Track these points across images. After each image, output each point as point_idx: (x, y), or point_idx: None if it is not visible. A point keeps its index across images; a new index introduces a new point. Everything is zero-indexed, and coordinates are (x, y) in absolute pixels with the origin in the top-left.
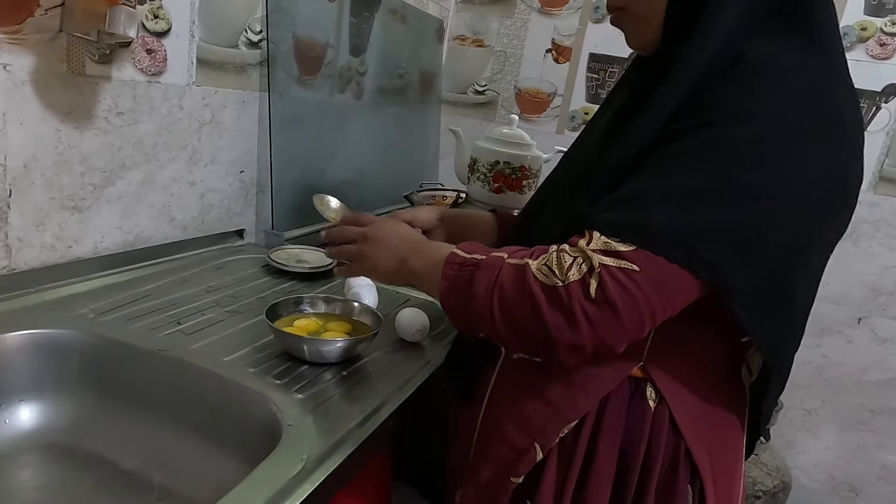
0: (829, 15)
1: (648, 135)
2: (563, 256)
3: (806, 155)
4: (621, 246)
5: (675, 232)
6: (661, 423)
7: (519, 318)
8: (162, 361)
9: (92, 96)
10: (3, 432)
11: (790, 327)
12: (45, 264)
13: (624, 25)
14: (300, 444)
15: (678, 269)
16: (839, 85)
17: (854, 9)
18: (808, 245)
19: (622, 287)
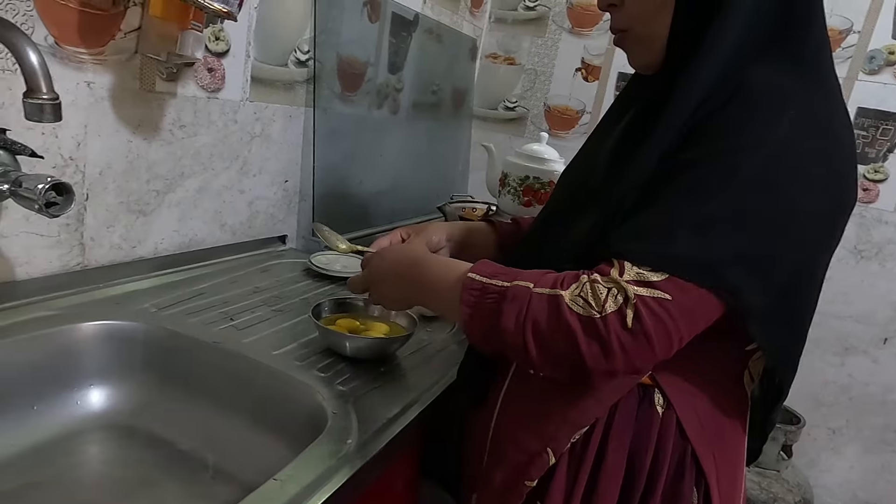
0: (823, 38)
1: (655, 157)
2: (598, 288)
3: (813, 177)
4: (654, 276)
5: (703, 260)
6: (668, 428)
7: (555, 349)
8: (217, 353)
9: (159, 110)
10: (76, 412)
11: (799, 338)
12: (112, 262)
13: (627, 46)
14: (344, 430)
15: (706, 295)
16: (835, 107)
17: (882, 33)
18: (816, 262)
19: (656, 316)
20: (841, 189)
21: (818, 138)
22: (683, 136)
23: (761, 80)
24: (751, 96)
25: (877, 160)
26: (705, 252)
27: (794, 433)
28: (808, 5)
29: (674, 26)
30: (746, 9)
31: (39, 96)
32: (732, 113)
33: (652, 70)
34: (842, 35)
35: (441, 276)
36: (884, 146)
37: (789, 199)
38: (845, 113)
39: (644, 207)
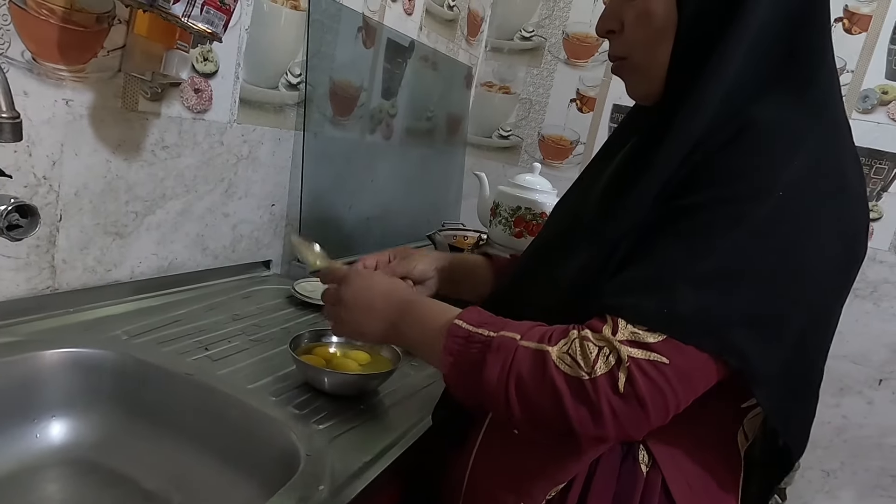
0: (833, 78)
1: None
2: (588, 346)
3: (825, 229)
4: (650, 337)
5: (704, 320)
6: (652, 489)
7: (539, 408)
8: (189, 385)
9: (141, 130)
10: (34, 446)
11: (809, 402)
12: (84, 286)
13: (625, 75)
14: (317, 474)
15: (707, 358)
16: (844, 151)
17: (875, 73)
18: (827, 320)
19: (651, 381)
20: (854, 240)
21: (831, 186)
22: (682, 176)
23: (770, 118)
24: (758, 137)
25: (871, 199)
26: (708, 312)
27: (789, 476)
28: (819, 37)
29: (674, 55)
30: (752, 39)
31: None
32: (737, 154)
33: (650, 101)
34: None
35: (428, 320)
36: (878, 185)
37: (799, 252)
38: (855, 156)
39: (641, 257)
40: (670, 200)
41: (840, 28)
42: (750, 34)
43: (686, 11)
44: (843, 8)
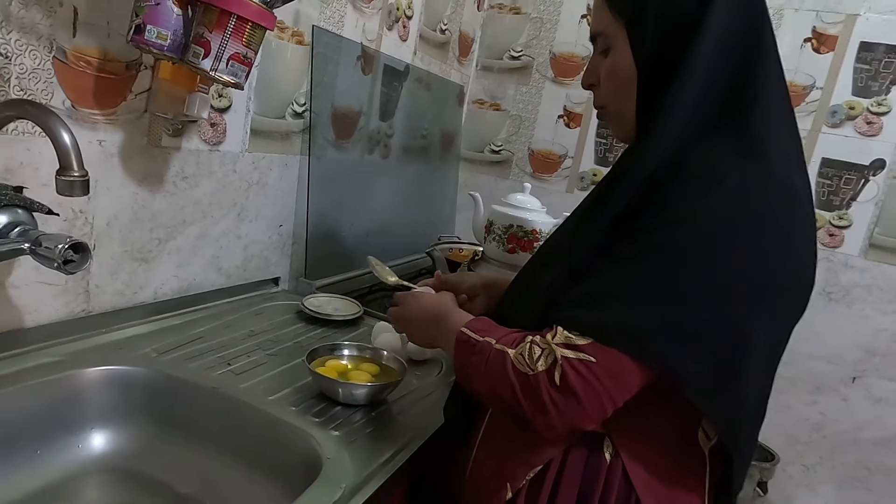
0: (768, 124)
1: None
2: (534, 348)
3: (738, 252)
4: (580, 340)
5: (627, 328)
6: (614, 474)
7: (502, 399)
8: (216, 398)
9: (164, 164)
10: (76, 455)
11: (743, 409)
12: (114, 308)
13: (606, 120)
14: (338, 474)
15: (630, 360)
16: (774, 186)
17: (843, 89)
18: (749, 333)
19: (581, 377)
20: (773, 262)
21: (749, 215)
22: (631, 207)
23: (698, 160)
24: (685, 176)
25: (841, 207)
26: (629, 320)
27: (769, 470)
28: (752, 97)
29: (638, 103)
30: (695, 94)
31: (71, 174)
32: (667, 191)
33: (629, 141)
34: (805, 91)
35: (451, 328)
36: (847, 194)
37: (713, 273)
38: (789, 190)
39: (586, 277)
40: (619, 226)
41: (809, 48)
42: (694, 88)
43: (642, 67)
44: (811, 29)
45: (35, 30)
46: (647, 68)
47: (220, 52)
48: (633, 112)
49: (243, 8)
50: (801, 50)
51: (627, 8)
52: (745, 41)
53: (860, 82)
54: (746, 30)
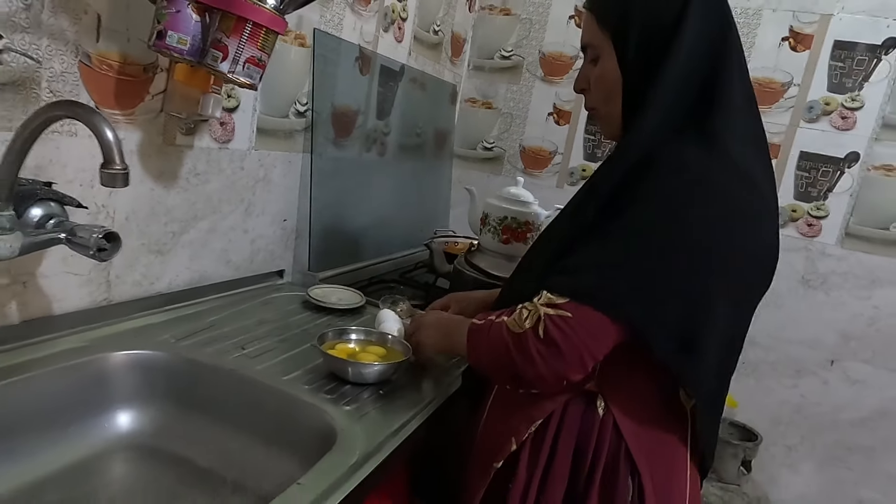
0: (730, 121)
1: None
2: (523, 312)
3: (698, 229)
4: (559, 300)
5: (600, 290)
6: (606, 427)
7: (500, 360)
8: (233, 379)
9: (178, 161)
10: (104, 434)
11: (705, 365)
12: (133, 298)
13: (597, 121)
14: (352, 443)
15: (602, 317)
16: (733, 173)
17: (818, 86)
18: (708, 300)
19: (560, 330)
20: (728, 237)
21: (707, 197)
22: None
23: (666, 155)
24: (656, 168)
25: (818, 199)
26: (601, 283)
27: (752, 449)
28: (718, 98)
29: (623, 106)
30: (668, 98)
31: (114, 167)
32: (639, 182)
33: (616, 139)
34: (784, 88)
35: (461, 330)
36: (824, 186)
37: (676, 244)
38: (745, 178)
39: (571, 252)
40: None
41: (787, 46)
42: (668, 93)
43: (626, 74)
44: (788, 28)
45: (63, 36)
46: (631, 75)
47: (238, 55)
48: (619, 113)
49: (258, 14)
50: (779, 48)
51: (613, 24)
52: (712, 50)
53: (835, 79)
54: (713, 41)
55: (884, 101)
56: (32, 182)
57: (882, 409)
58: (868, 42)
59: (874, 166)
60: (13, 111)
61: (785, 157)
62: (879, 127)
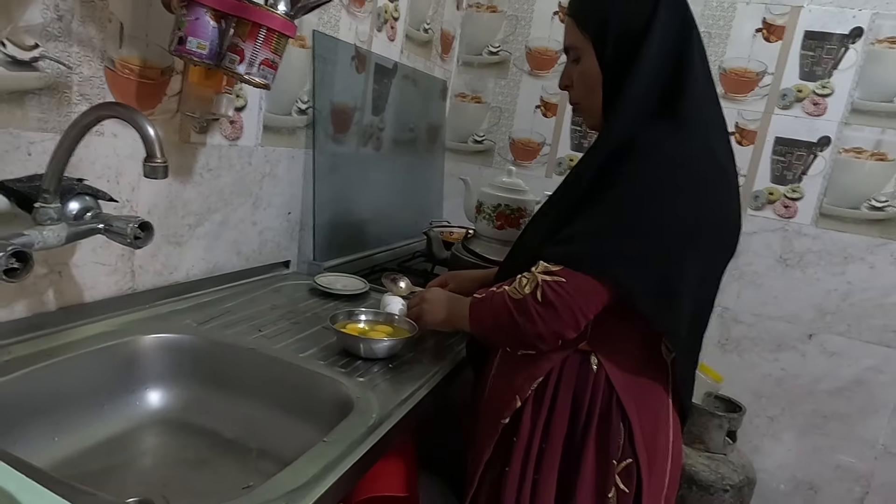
0: (696, 108)
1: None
2: (522, 280)
3: (671, 201)
4: (554, 267)
5: (590, 256)
6: (599, 380)
7: (504, 326)
8: (254, 357)
9: (193, 158)
10: (136, 411)
11: (680, 316)
12: (155, 286)
13: (581, 114)
14: (368, 408)
15: (592, 280)
16: (699, 152)
17: (791, 74)
18: (682, 261)
19: (555, 292)
20: (696, 208)
21: (679, 174)
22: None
23: (644, 139)
24: (634, 149)
25: (794, 181)
26: (592, 251)
27: (737, 420)
28: (684, 87)
29: (603, 99)
30: (640, 91)
31: (155, 161)
32: (623, 162)
33: (597, 129)
34: (758, 77)
35: (463, 305)
36: (798, 169)
37: (653, 215)
38: (710, 156)
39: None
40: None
41: (760, 37)
42: (641, 86)
43: (605, 72)
44: (761, 20)
45: (91, 43)
46: (609, 71)
47: (253, 58)
48: (600, 105)
49: (271, 20)
50: (753, 39)
51: (593, 28)
52: (677, 48)
53: (806, 67)
54: (678, 40)
55: (852, 88)
56: (69, 178)
57: (857, 378)
58: (836, 32)
59: (845, 149)
60: (49, 114)
61: (761, 143)
62: (849, 112)
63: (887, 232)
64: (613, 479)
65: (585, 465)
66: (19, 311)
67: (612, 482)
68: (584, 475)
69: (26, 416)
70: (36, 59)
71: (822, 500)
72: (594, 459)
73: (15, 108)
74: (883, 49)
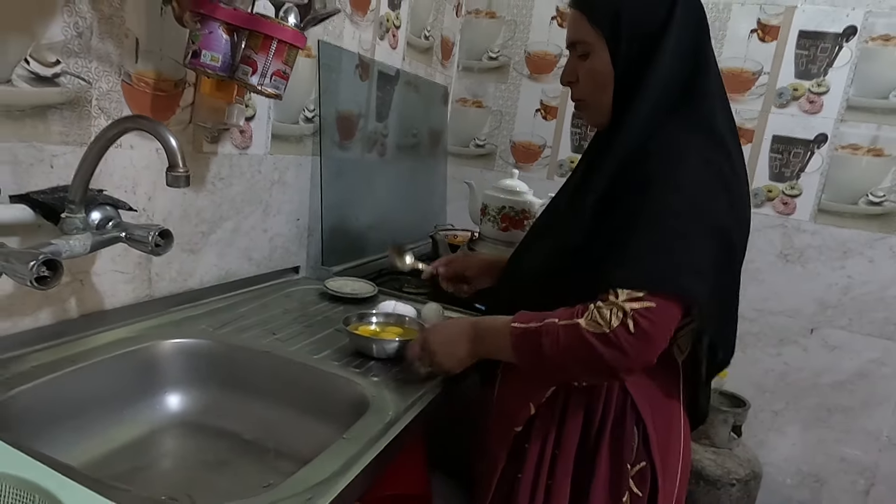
0: (713, 108)
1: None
2: (602, 311)
3: (713, 205)
4: (638, 293)
5: (665, 275)
6: (613, 385)
7: (584, 362)
8: (270, 359)
9: (205, 167)
10: (156, 414)
11: (732, 323)
12: (171, 293)
13: (583, 111)
14: (384, 406)
15: (678, 299)
16: (724, 156)
17: (787, 73)
18: (733, 269)
19: (648, 320)
20: (734, 211)
21: (712, 177)
22: (616, 183)
23: (665, 142)
24: (658, 157)
25: (791, 178)
26: (666, 269)
27: (741, 414)
28: (701, 86)
29: (614, 97)
30: (657, 92)
31: (178, 170)
32: (648, 169)
33: (603, 127)
34: (755, 76)
35: (493, 332)
36: (796, 166)
37: (703, 223)
38: (733, 159)
39: (615, 247)
40: (612, 201)
41: (755, 38)
42: (658, 87)
43: (617, 70)
44: (756, 20)
45: (108, 58)
46: (622, 70)
47: (266, 69)
48: (609, 104)
49: (283, 32)
50: (748, 40)
51: (607, 24)
52: (692, 47)
53: (801, 66)
54: (693, 39)
55: (847, 85)
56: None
57: (859, 371)
58: (830, 31)
59: (841, 146)
60: (70, 127)
61: (759, 141)
62: (844, 109)
63: (886, 226)
64: (627, 483)
65: (599, 469)
66: (44, 319)
67: (626, 486)
68: (598, 480)
69: (52, 420)
70: (57, 75)
71: (828, 493)
72: (608, 464)
73: (38, 123)
74: (877, 46)
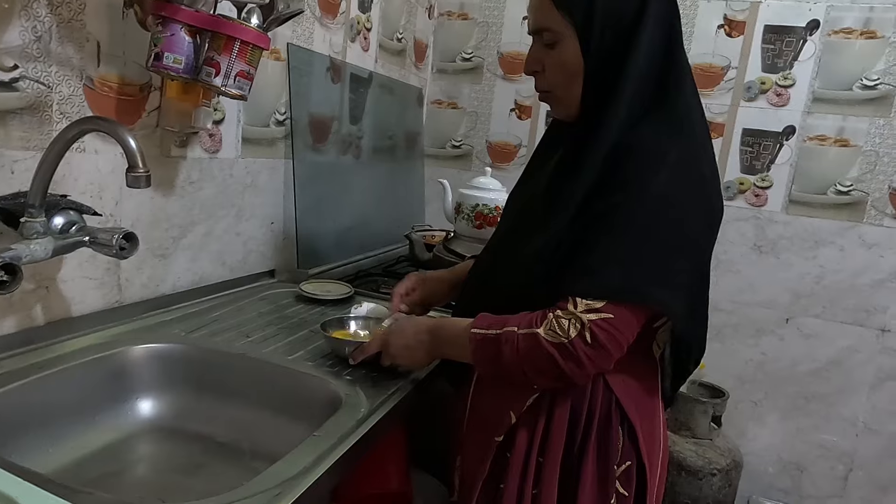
0: (690, 105)
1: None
2: (561, 321)
3: (690, 210)
4: (597, 303)
5: (629, 286)
6: (597, 384)
7: (541, 369)
8: (244, 361)
9: (174, 171)
10: (128, 420)
11: (704, 325)
12: (143, 298)
13: (550, 103)
14: (357, 403)
15: (636, 309)
16: (702, 155)
17: (754, 67)
18: (705, 268)
19: (606, 332)
20: (712, 214)
21: (691, 182)
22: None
23: (643, 143)
24: (634, 158)
25: (762, 171)
26: (629, 280)
27: (721, 405)
28: (675, 82)
29: (584, 89)
30: (634, 86)
31: (138, 171)
32: (624, 171)
33: (571, 119)
34: (724, 71)
35: (452, 337)
36: (766, 159)
37: (677, 229)
38: (710, 159)
39: (581, 251)
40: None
41: (723, 33)
42: (635, 81)
43: (589, 62)
44: (723, 16)
45: (69, 63)
46: (594, 62)
47: (229, 70)
48: (578, 96)
49: (245, 33)
50: (715, 35)
51: (578, 12)
52: (667, 41)
53: (768, 60)
54: (667, 33)
55: (812, 78)
56: (53, 194)
57: (835, 358)
58: (795, 25)
59: (809, 137)
60: (31, 132)
61: (730, 135)
62: (810, 101)
63: (854, 215)
64: (614, 485)
65: (585, 473)
66: (8, 327)
67: (613, 487)
68: (585, 484)
69: (20, 428)
70: (16, 80)
71: (808, 479)
72: (594, 466)
73: None
74: (839, 39)
